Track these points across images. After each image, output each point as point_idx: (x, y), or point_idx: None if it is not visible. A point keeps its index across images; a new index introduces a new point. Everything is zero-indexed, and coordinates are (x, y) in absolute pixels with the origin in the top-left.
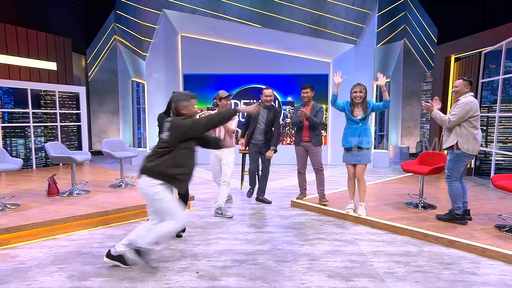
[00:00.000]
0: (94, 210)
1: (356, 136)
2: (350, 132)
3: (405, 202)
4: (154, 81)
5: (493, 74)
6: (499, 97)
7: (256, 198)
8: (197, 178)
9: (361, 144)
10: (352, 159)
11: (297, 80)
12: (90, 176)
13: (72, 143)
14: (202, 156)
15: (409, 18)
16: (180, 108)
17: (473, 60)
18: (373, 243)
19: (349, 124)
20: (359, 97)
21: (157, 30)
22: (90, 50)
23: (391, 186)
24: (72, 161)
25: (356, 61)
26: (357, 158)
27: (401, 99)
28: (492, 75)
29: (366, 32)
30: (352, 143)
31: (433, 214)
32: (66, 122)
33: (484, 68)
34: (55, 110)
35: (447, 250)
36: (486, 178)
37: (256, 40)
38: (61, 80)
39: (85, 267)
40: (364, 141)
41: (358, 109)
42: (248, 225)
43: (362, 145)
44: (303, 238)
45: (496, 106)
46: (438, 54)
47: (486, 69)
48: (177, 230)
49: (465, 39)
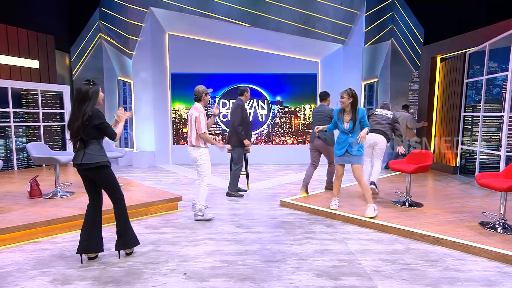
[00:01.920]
0: (79, 211)
1: (345, 147)
2: (340, 142)
3: (393, 201)
4: (141, 80)
5: (477, 74)
6: (483, 97)
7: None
8: (184, 178)
9: (350, 151)
10: (342, 160)
11: (285, 80)
12: (75, 177)
13: (56, 144)
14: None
15: (396, 18)
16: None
17: (458, 61)
18: (361, 242)
19: (340, 132)
20: (342, 102)
21: (144, 28)
22: (74, 48)
23: (379, 185)
24: (55, 161)
25: (344, 60)
26: (347, 159)
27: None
28: (476, 76)
29: (354, 32)
30: (341, 152)
31: (420, 212)
32: (49, 122)
33: (469, 68)
34: (38, 110)
35: (433, 248)
36: (471, 177)
37: (244, 39)
38: (44, 79)
39: (69, 271)
40: (355, 148)
41: (347, 116)
42: (237, 225)
43: (352, 152)
44: (291, 238)
45: (480, 106)
46: (424, 55)
47: (471, 70)
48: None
49: (451, 40)
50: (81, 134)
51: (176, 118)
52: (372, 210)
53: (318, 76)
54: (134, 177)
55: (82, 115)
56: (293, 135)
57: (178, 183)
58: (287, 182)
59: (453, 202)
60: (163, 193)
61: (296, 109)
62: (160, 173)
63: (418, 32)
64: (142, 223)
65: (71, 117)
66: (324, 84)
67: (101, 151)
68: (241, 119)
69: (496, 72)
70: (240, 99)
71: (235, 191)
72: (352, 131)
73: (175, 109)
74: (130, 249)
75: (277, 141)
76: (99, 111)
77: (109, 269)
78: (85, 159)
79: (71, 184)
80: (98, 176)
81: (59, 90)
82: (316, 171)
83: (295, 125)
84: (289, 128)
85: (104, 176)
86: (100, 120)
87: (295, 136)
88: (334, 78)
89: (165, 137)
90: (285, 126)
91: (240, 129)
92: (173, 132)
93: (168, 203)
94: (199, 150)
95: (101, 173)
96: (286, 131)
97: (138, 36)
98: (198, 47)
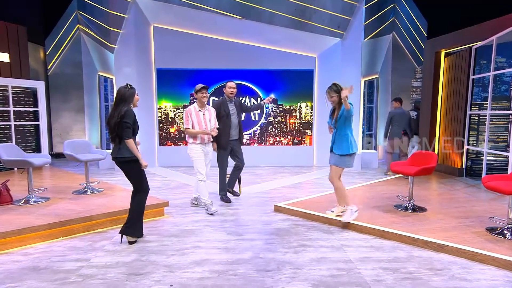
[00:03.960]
0: (54, 219)
1: (332, 141)
2: (332, 135)
3: (394, 205)
4: (124, 76)
5: (484, 70)
6: (490, 94)
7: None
8: (171, 182)
9: (332, 148)
10: (329, 160)
11: (280, 76)
12: (50, 182)
13: (29, 145)
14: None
15: (398, 10)
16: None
17: (464, 56)
18: (361, 249)
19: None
20: (331, 102)
21: (127, 19)
22: (49, 41)
23: (380, 188)
24: (28, 165)
25: (342, 55)
26: (329, 160)
27: (390, 96)
28: (483, 71)
29: (353, 25)
30: (331, 146)
31: (423, 217)
32: (22, 121)
33: (475, 64)
34: (8, 108)
35: (437, 255)
36: (477, 179)
37: (235, 32)
38: (15, 74)
39: (42, 284)
40: (337, 146)
41: (337, 111)
42: (228, 232)
43: (335, 150)
44: (286, 245)
45: (487, 104)
46: (427, 49)
47: (477, 65)
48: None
49: (456, 33)
50: (116, 131)
51: (163, 117)
52: (349, 214)
53: (315, 72)
54: (116, 181)
55: (118, 113)
56: (288, 135)
57: (165, 187)
58: (282, 185)
59: (459, 206)
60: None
61: (292, 107)
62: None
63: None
64: None
65: (110, 115)
66: (321, 80)
67: (127, 147)
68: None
69: (504, 68)
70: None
71: (224, 194)
72: (336, 125)
73: (161, 107)
74: (133, 238)
75: (271, 141)
76: (131, 112)
77: (88, 282)
78: (118, 153)
79: (46, 189)
80: (125, 169)
81: (32, 87)
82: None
83: (290, 125)
84: (284, 128)
85: (130, 169)
86: (126, 119)
87: (291, 137)
88: (332, 74)
89: (150, 138)
90: (280, 125)
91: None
92: (159, 133)
93: (153, 209)
94: (188, 146)
95: (128, 167)
96: (281, 131)
97: (120, 28)
98: (186, 41)
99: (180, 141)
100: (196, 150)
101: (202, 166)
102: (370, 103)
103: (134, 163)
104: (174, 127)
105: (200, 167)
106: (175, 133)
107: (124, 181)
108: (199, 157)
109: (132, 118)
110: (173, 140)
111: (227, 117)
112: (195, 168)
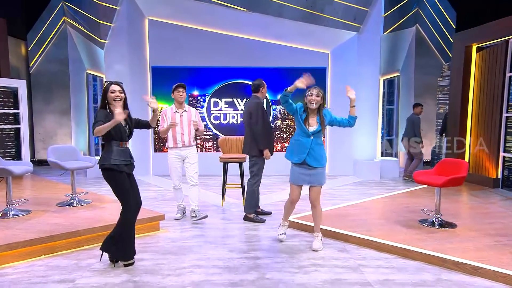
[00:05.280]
0: (36, 235)
1: (305, 151)
2: (298, 145)
3: (419, 220)
4: (115, 74)
5: None
6: None
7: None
8: (167, 192)
9: (310, 162)
10: (302, 179)
11: (288, 75)
12: (32, 192)
13: (8, 151)
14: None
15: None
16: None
17: (499, 50)
18: (381, 270)
19: (299, 135)
20: (315, 102)
21: (119, 12)
22: (32, 35)
23: (402, 200)
24: (7, 173)
25: (359, 52)
26: (308, 179)
27: (412, 97)
28: None
29: (371, 17)
30: (299, 159)
31: (453, 234)
32: (0, 124)
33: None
34: None
35: (471, 279)
36: None
37: (239, 26)
38: None
39: None
40: (314, 158)
41: (312, 118)
42: (231, 249)
43: (312, 163)
44: (296, 265)
45: None
46: (457, 43)
47: None
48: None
49: (489, 25)
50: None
51: (158, 121)
52: (320, 242)
53: (328, 70)
54: (106, 191)
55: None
56: None
57: (160, 199)
58: None
59: (494, 222)
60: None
61: None
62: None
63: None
64: None
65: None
66: (335, 79)
67: (108, 153)
68: (262, 122)
69: None
70: (256, 96)
71: (253, 213)
72: (318, 133)
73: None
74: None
75: (279, 147)
76: (100, 112)
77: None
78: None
79: (26, 201)
80: (105, 179)
81: (12, 86)
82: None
83: None
84: (292, 132)
85: (108, 180)
86: (95, 117)
87: None
88: (347, 72)
89: (144, 143)
90: (288, 130)
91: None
92: (155, 137)
93: (147, 223)
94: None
95: (105, 176)
96: (290, 136)
97: (111, 22)
98: (185, 36)
99: None
100: (170, 157)
101: (176, 175)
102: (390, 104)
103: (111, 171)
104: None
105: (173, 176)
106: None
107: None
108: (173, 164)
109: (102, 116)
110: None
111: (270, 124)
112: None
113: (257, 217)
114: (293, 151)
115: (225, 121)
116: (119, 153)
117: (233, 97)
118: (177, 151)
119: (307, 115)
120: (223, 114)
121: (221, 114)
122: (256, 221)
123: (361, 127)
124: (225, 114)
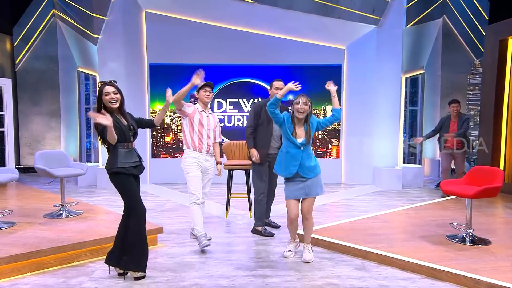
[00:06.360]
0: (20, 249)
1: (296, 164)
2: (288, 158)
3: (447, 235)
4: (110, 73)
5: None
6: None
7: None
8: (166, 202)
9: (304, 173)
10: (298, 192)
11: (300, 73)
12: (16, 202)
13: None
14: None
15: None
16: None
17: None
18: None
19: (288, 147)
20: (303, 111)
21: (113, 4)
22: (18, 29)
23: (428, 213)
24: None
25: (378, 47)
26: (304, 191)
27: (439, 96)
28: None
29: (392, 8)
30: (290, 172)
31: (487, 251)
32: None
33: None
34: None
35: None
36: None
37: (246, 19)
38: None
39: None
40: (307, 169)
41: (299, 128)
42: (236, 266)
43: (306, 175)
44: (309, 284)
45: None
46: (489, 36)
47: None
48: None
49: None
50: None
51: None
52: (310, 253)
53: (343, 67)
54: (99, 201)
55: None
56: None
57: (159, 209)
58: None
59: None
60: None
61: (315, 111)
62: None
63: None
64: None
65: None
66: (351, 78)
67: (114, 157)
68: (252, 122)
69: None
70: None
71: (261, 226)
72: (306, 144)
73: (155, 111)
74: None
75: None
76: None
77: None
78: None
79: (11, 212)
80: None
81: None
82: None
83: None
84: None
85: (115, 184)
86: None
87: (313, 147)
88: (365, 70)
89: (141, 148)
90: None
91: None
92: (152, 142)
93: None
94: (183, 158)
95: (111, 179)
96: None
97: (105, 15)
98: (185, 31)
99: (178, 153)
100: (190, 161)
101: (197, 184)
102: (413, 105)
103: (119, 175)
104: (171, 136)
105: (194, 185)
106: (171, 143)
107: (108, 202)
108: (195, 173)
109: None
110: (168, 151)
111: (268, 124)
112: (188, 186)
113: (266, 231)
114: (282, 164)
115: (230, 124)
116: (126, 155)
117: (239, 98)
118: (200, 156)
119: (294, 125)
120: (228, 116)
121: (225, 116)
122: (264, 235)
123: (381, 130)
124: (229, 116)
